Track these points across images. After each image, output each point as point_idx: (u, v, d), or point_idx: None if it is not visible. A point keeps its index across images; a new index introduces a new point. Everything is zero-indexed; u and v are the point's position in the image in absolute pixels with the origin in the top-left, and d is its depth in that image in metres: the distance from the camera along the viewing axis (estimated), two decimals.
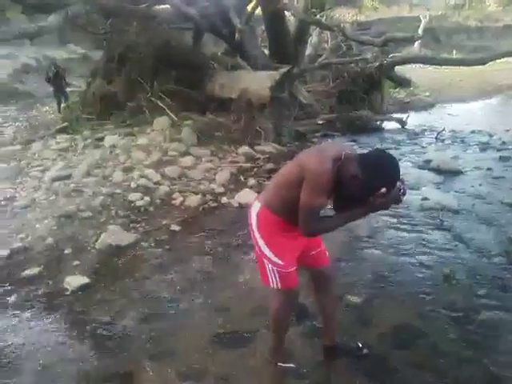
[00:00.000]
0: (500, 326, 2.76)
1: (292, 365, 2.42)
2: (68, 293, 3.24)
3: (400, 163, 6.37)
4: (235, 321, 2.87)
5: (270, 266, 2.17)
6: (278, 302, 2.29)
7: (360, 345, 2.54)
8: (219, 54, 9.33)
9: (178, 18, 8.00)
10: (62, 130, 7.83)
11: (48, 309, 3.06)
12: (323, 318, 2.51)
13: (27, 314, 2.99)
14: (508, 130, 8.29)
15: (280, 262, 2.15)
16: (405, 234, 4.15)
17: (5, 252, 3.72)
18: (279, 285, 2.19)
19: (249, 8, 9.84)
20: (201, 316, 2.94)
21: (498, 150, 7.09)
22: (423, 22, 16.20)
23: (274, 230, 2.15)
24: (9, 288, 3.29)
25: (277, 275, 2.17)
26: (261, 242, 2.17)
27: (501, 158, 6.61)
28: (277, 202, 2.12)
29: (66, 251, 3.84)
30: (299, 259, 2.23)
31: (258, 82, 7.04)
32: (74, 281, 3.34)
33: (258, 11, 10.14)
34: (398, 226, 4.32)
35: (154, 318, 2.94)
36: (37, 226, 4.25)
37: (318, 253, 2.30)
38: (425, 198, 4.96)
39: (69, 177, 5.35)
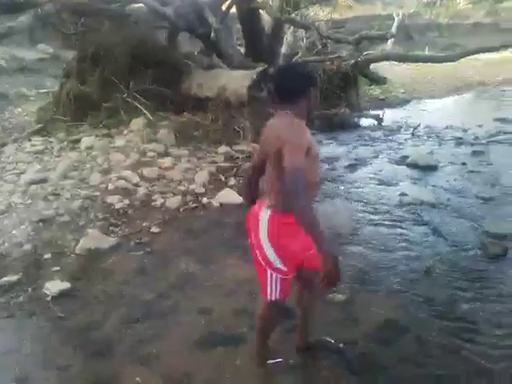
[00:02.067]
0: (480, 318, 2.83)
1: (280, 359, 2.44)
2: (48, 298, 3.18)
3: (378, 160, 6.50)
4: (219, 322, 2.87)
5: (273, 275, 2.08)
6: (269, 312, 2.25)
7: (333, 341, 2.58)
8: (195, 53, 9.26)
9: (153, 16, 7.91)
10: (37, 132, 7.65)
11: (29, 315, 3.00)
12: (301, 318, 2.50)
13: (7, 322, 2.93)
14: (480, 126, 8.48)
15: (283, 268, 2.07)
16: (385, 229, 4.21)
17: None
18: (277, 295, 2.12)
19: (224, 7, 9.81)
20: (184, 318, 2.93)
21: (472, 145, 7.25)
22: (396, 19, 16.41)
23: (285, 233, 2.01)
24: None
25: (278, 285, 2.10)
26: (269, 251, 2.05)
27: (474, 153, 6.76)
28: (281, 199, 1.99)
29: (45, 256, 3.76)
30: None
31: (236, 80, 7.03)
32: (54, 286, 3.28)
33: (233, 10, 10.12)
34: (378, 221, 4.39)
35: (136, 321, 2.91)
36: (13, 231, 4.15)
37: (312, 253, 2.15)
38: (403, 194, 5.05)
39: (45, 180, 5.24)
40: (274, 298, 2.14)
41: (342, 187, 5.45)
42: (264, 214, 2.05)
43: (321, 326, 2.71)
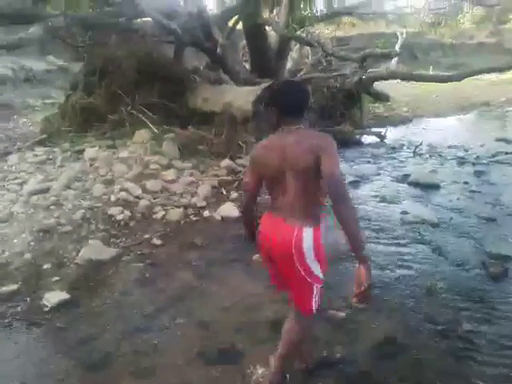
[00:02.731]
0: (481, 338, 2.81)
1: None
2: (47, 309, 3.17)
3: (380, 177, 6.50)
4: (219, 336, 2.85)
5: (318, 287, 2.13)
6: (307, 324, 2.28)
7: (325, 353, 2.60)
8: (201, 68, 9.35)
9: (160, 31, 8.02)
10: (41, 143, 7.70)
11: (27, 326, 2.99)
12: None
13: (5, 332, 2.92)
14: (483, 145, 8.51)
15: (323, 277, 2.14)
16: (386, 247, 4.20)
17: None
18: (319, 304, 2.18)
19: (230, 23, 9.94)
20: (183, 331, 2.92)
21: (474, 165, 7.26)
22: (400, 38, 16.59)
23: (323, 246, 2.08)
24: None
25: (318, 295, 2.16)
26: (316, 267, 2.07)
27: (476, 173, 6.77)
28: (314, 212, 2.07)
29: (45, 266, 3.76)
30: None
31: (242, 96, 7.08)
32: (53, 297, 3.27)
33: (240, 26, 10.25)
34: (380, 239, 4.38)
35: (135, 333, 2.90)
36: (14, 240, 4.15)
37: None
38: (404, 212, 5.04)
39: (48, 190, 5.25)
40: (317, 307, 2.18)
41: None
42: (307, 233, 2.01)
43: (321, 343, 2.70)
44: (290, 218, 2.04)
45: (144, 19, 8.88)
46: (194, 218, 4.88)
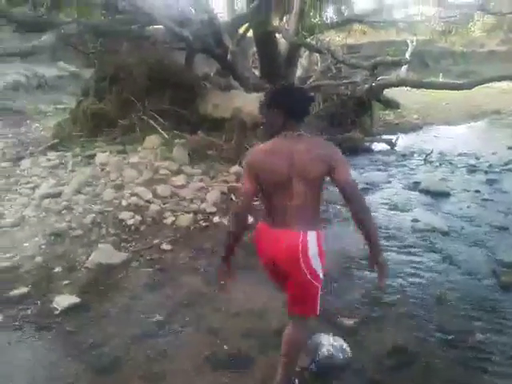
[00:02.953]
0: (492, 348, 2.77)
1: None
2: (57, 312, 3.18)
3: (390, 185, 6.47)
4: (227, 342, 2.84)
5: (319, 292, 2.15)
6: (305, 327, 2.28)
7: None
8: (212, 74, 9.41)
9: (172, 38, 8.09)
10: (53, 147, 7.78)
11: (36, 329, 3.00)
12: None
13: (15, 335, 2.93)
14: (494, 153, 8.45)
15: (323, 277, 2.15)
16: (396, 255, 4.17)
17: None
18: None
19: (241, 30, 10.00)
20: (192, 337, 2.91)
21: (486, 173, 7.21)
22: (410, 46, 16.57)
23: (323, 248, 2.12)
24: None
25: (319, 297, 2.17)
26: (320, 271, 2.10)
27: (488, 181, 6.71)
28: (315, 217, 2.11)
29: (56, 270, 3.79)
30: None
31: (251, 102, 7.11)
32: (63, 300, 3.29)
33: (250, 33, 10.32)
34: (390, 247, 4.35)
35: (144, 338, 2.90)
36: (26, 244, 4.19)
37: None
38: (415, 220, 5.01)
39: (59, 194, 5.30)
40: (317, 312, 2.19)
41: None
42: (311, 237, 2.04)
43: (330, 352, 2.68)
44: (295, 223, 2.04)
45: (155, 26, 8.98)
46: (204, 224, 4.88)
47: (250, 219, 2.27)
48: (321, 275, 2.11)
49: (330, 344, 2.59)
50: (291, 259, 2.04)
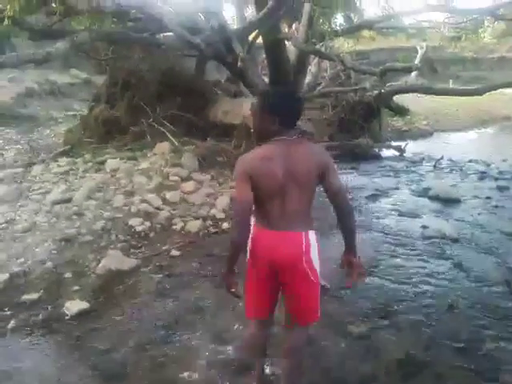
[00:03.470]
0: (505, 357, 2.74)
1: None
2: (67, 318, 3.21)
3: (399, 191, 6.44)
4: (237, 349, 2.83)
5: (319, 291, 2.17)
6: (307, 333, 2.28)
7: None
8: (222, 81, 9.48)
9: (183, 45, 8.16)
10: (64, 153, 7.87)
11: (47, 334, 3.02)
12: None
13: (26, 340, 2.96)
14: (505, 160, 8.38)
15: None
16: (406, 262, 4.14)
17: (4, 276, 3.69)
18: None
19: (250, 37, 10.05)
20: (201, 343, 2.91)
21: (496, 179, 7.15)
22: (420, 52, 16.52)
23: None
24: (8, 313, 3.25)
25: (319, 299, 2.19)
26: (318, 270, 2.11)
27: (499, 188, 6.66)
28: (310, 218, 2.13)
29: (66, 275, 3.81)
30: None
31: None
32: (73, 306, 3.31)
33: (260, 40, 10.37)
34: (400, 253, 4.33)
35: (153, 344, 2.91)
36: (37, 249, 4.23)
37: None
38: (425, 227, 4.98)
39: (70, 200, 5.35)
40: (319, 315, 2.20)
41: (363, 218, 5.41)
42: (311, 237, 2.08)
43: (342, 360, 2.67)
44: (294, 226, 2.04)
45: (165, 33, 9.06)
46: (213, 230, 4.90)
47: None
48: (319, 274, 2.12)
49: None
50: (293, 262, 2.04)
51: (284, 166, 1.98)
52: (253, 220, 2.14)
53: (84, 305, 3.34)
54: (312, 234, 2.09)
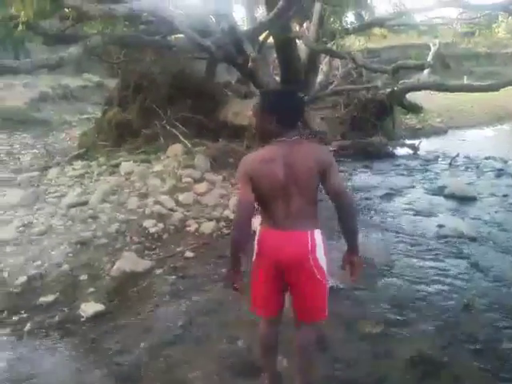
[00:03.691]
0: None
1: None
2: (83, 319, 3.24)
3: (414, 190, 6.38)
4: (249, 351, 2.82)
5: (327, 290, 2.16)
6: (316, 331, 2.29)
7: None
8: (233, 82, 9.50)
9: (194, 47, 8.20)
10: (78, 157, 7.97)
11: (63, 336, 3.05)
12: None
13: (43, 342, 2.99)
14: None
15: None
16: (422, 261, 4.10)
17: (22, 279, 3.75)
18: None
19: (261, 37, 10.06)
20: (215, 345, 2.91)
21: None
22: (433, 49, 16.36)
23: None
24: (24, 316, 3.29)
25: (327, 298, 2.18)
26: (325, 269, 2.11)
27: None
28: (316, 217, 2.12)
29: (82, 278, 3.85)
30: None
31: None
32: (89, 308, 3.34)
33: (270, 39, 10.37)
34: (415, 253, 4.28)
35: (167, 345, 2.92)
36: (53, 252, 4.29)
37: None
38: (441, 225, 4.92)
39: (85, 203, 5.41)
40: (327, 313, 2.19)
41: (378, 217, 5.36)
42: (317, 236, 2.08)
43: (357, 360, 2.65)
44: (299, 226, 2.05)
45: (176, 36, 9.12)
46: (226, 231, 4.89)
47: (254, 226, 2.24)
48: (326, 274, 2.11)
49: None
50: (299, 259, 2.04)
51: (285, 166, 1.99)
52: (259, 220, 2.16)
53: (99, 307, 3.36)
54: (318, 233, 2.08)
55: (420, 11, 11.85)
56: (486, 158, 8.43)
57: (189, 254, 4.34)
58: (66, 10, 7.12)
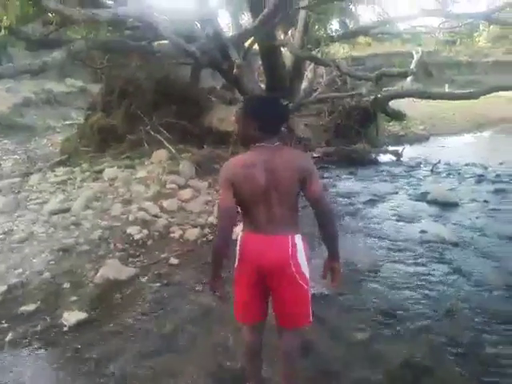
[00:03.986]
0: (505, 362, 2.72)
1: None
2: (66, 329, 3.18)
3: (397, 196, 6.43)
4: (236, 358, 2.81)
5: (309, 295, 2.16)
6: (300, 337, 2.28)
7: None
8: (218, 88, 9.50)
9: (178, 53, 8.19)
10: (61, 163, 7.87)
11: (45, 346, 3.00)
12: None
13: (24, 352, 2.93)
14: (502, 163, 8.41)
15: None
16: (405, 267, 4.13)
17: (2, 288, 3.67)
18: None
19: (246, 44, 10.10)
20: (200, 353, 2.89)
21: (493, 183, 7.16)
22: (415, 57, 16.63)
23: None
24: (5, 325, 3.22)
25: (310, 303, 2.18)
26: (307, 274, 2.10)
27: (496, 191, 6.67)
28: (297, 222, 2.13)
29: (64, 286, 3.79)
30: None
31: None
32: (71, 316, 3.28)
33: (255, 46, 10.41)
34: (398, 258, 4.32)
35: (152, 354, 2.88)
36: (34, 260, 4.21)
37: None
38: (423, 231, 4.98)
39: (68, 210, 5.34)
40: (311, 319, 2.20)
41: (361, 223, 5.40)
42: (298, 241, 2.08)
43: (343, 366, 2.65)
44: (280, 231, 2.06)
45: (161, 42, 9.10)
46: (211, 238, 4.87)
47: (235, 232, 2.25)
48: (308, 277, 2.12)
49: None
50: (281, 265, 2.04)
51: (266, 172, 2.00)
52: (241, 226, 2.17)
53: (82, 315, 3.31)
54: (299, 239, 2.09)
55: (403, 20, 12.04)
56: (467, 165, 8.57)
57: (173, 260, 4.30)
58: (50, 14, 7.05)
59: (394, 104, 11.42)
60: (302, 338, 2.31)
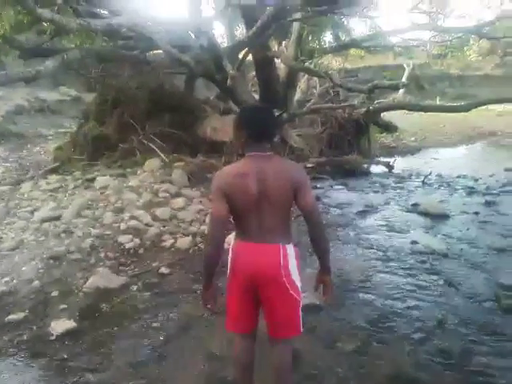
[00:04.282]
0: (494, 373, 2.73)
1: None
2: (53, 338, 3.14)
3: (388, 207, 6.47)
4: (226, 368, 2.79)
5: (300, 306, 2.15)
6: (291, 348, 2.27)
7: None
8: (211, 98, 9.54)
9: (172, 63, 8.22)
10: (53, 171, 7.83)
11: (32, 355, 2.96)
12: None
13: (11, 361, 2.90)
14: (492, 175, 8.49)
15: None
16: (395, 278, 4.14)
17: None
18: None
19: (240, 55, 10.17)
20: (191, 362, 2.87)
21: (484, 195, 7.23)
22: (407, 69, 16.84)
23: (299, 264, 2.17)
24: None
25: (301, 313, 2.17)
26: (298, 284, 2.11)
27: (486, 203, 6.73)
28: (289, 232, 2.14)
29: (53, 294, 3.76)
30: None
31: None
32: (59, 326, 3.25)
33: (250, 57, 10.48)
34: (389, 269, 4.33)
35: (142, 364, 2.86)
36: (24, 268, 4.17)
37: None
38: (414, 242, 5.00)
39: (59, 217, 5.31)
40: (301, 329, 2.19)
41: (353, 233, 5.42)
42: (290, 251, 2.09)
43: (332, 378, 2.65)
44: (271, 240, 2.06)
45: (155, 51, 9.14)
46: (203, 247, 4.86)
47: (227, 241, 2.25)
48: (299, 288, 2.12)
49: None
50: (272, 275, 2.04)
51: (258, 181, 2.01)
52: (234, 235, 2.18)
53: (70, 324, 3.28)
54: (290, 248, 2.10)
55: (395, 33, 12.19)
56: (458, 177, 8.65)
57: (164, 269, 4.29)
58: (44, 24, 7.07)
59: (386, 116, 11.55)
60: (292, 348, 2.28)
